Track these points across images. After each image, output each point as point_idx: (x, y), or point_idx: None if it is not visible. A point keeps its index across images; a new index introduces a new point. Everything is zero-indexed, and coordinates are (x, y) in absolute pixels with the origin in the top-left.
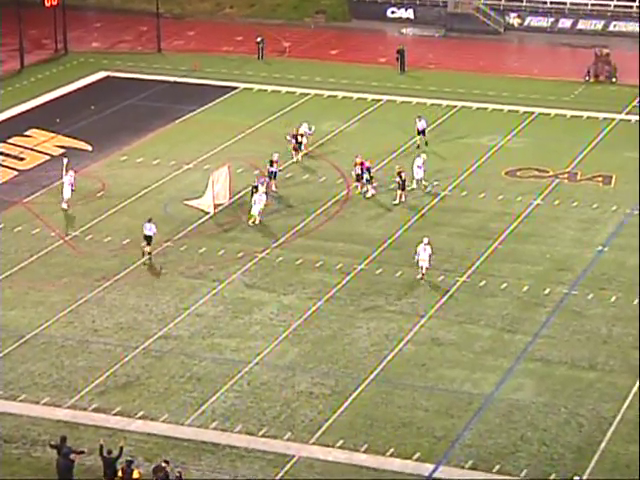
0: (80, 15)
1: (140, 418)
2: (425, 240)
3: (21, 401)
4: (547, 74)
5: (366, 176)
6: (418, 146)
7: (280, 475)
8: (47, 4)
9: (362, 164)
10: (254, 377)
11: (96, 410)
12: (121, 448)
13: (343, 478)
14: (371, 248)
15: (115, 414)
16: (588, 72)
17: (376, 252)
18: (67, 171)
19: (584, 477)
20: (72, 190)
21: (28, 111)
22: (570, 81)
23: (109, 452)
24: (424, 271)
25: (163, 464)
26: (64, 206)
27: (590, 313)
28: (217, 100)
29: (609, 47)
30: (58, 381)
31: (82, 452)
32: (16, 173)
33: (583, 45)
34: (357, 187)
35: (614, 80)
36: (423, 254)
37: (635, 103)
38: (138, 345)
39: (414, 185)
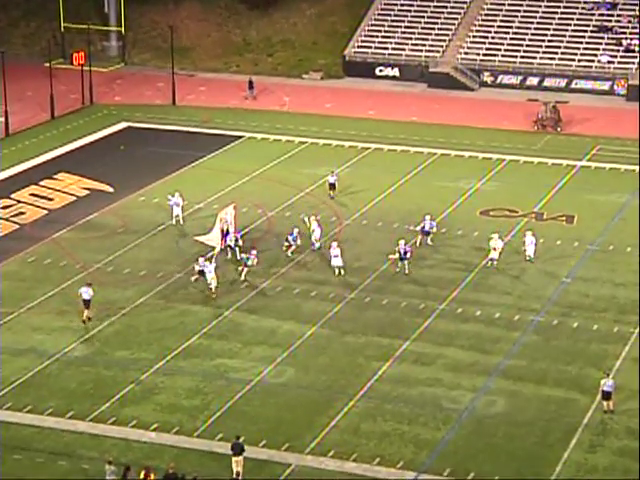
0: (103, 72)
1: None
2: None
3: (49, 414)
4: (516, 126)
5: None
6: (330, 196)
7: None
8: (75, 63)
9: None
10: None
11: (115, 422)
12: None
13: None
14: (361, 278)
15: (132, 426)
16: (535, 121)
17: (365, 282)
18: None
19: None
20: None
21: (58, 157)
22: (537, 132)
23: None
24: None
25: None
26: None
27: (555, 337)
28: (225, 147)
29: (570, 102)
30: (80, 395)
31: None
32: (46, 212)
33: (548, 101)
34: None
35: (559, 129)
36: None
37: (594, 152)
38: (152, 364)
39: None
